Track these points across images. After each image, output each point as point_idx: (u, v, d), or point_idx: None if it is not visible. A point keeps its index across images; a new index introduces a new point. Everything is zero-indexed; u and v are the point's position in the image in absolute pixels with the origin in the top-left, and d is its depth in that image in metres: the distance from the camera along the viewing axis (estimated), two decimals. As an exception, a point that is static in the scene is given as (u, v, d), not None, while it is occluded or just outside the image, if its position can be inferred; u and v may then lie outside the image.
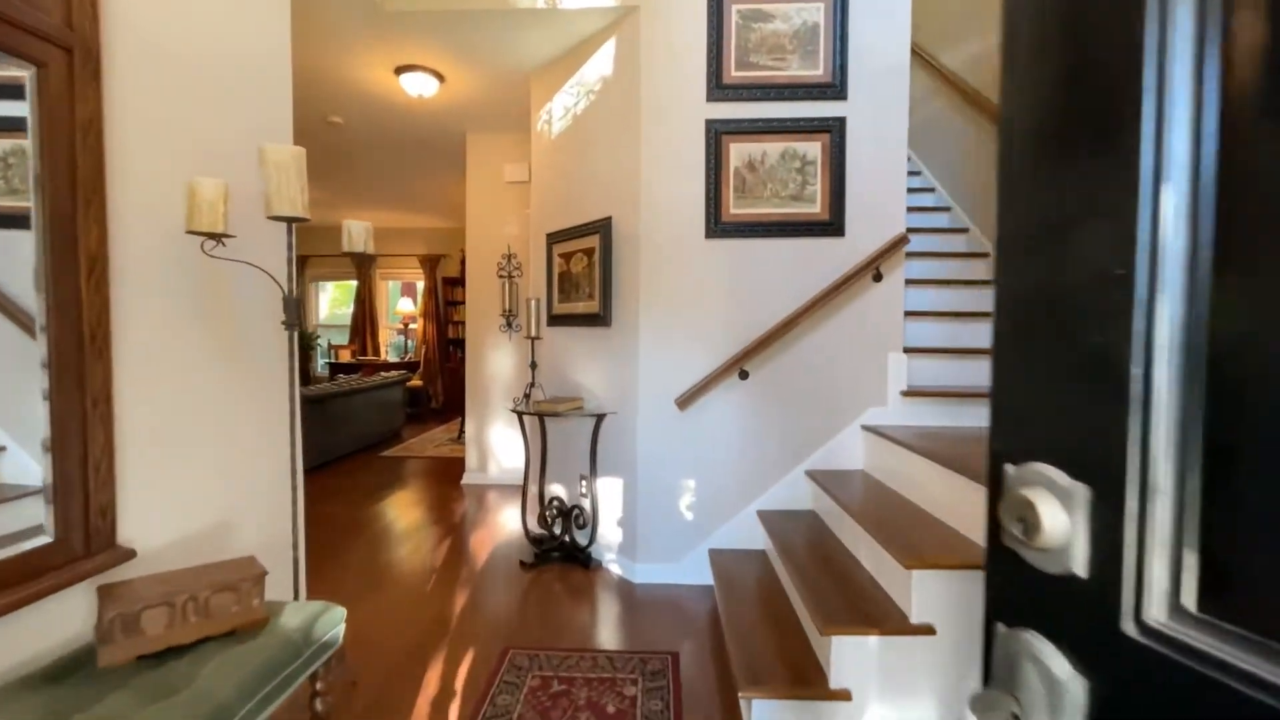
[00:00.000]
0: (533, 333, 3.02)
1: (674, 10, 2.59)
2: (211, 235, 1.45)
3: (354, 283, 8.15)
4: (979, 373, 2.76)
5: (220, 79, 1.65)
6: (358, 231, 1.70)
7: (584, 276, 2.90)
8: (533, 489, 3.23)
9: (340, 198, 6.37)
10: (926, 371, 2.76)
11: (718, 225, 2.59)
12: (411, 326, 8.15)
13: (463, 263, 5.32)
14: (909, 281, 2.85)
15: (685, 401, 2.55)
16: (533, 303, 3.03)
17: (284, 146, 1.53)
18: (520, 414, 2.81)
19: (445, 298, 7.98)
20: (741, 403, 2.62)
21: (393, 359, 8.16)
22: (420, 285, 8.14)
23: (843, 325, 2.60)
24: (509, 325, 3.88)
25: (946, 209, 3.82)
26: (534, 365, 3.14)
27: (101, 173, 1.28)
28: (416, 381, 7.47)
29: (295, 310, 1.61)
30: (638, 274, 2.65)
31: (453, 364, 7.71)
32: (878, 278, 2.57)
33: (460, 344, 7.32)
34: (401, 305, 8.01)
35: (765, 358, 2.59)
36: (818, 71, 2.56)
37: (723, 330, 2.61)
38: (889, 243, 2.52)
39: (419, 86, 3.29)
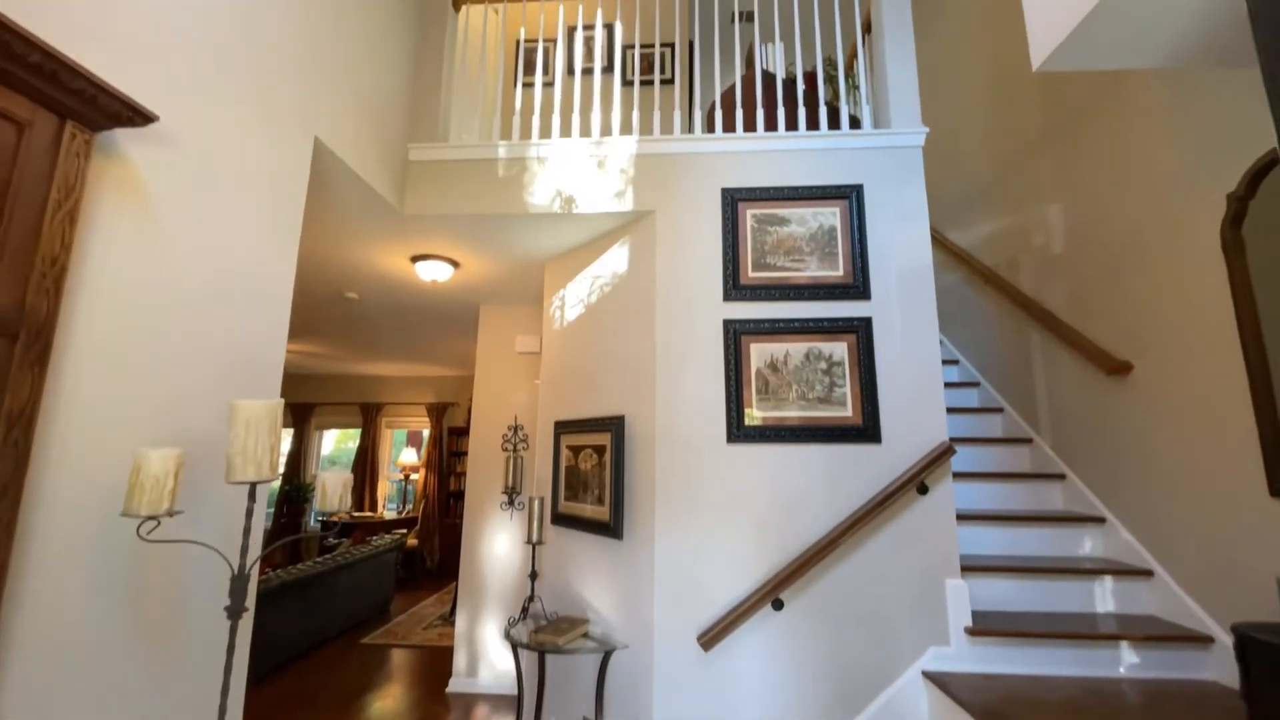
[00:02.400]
0: (534, 537, 2.70)
1: (689, 214, 2.60)
2: (153, 517, 1.22)
3: (358, 431, 7.98)
4: (1049, 596, 2.37)
5: (199, 326, 1.53)
6: (333, 488, 1.47)
7: (593, 476, 2.65)
8: None
9: (349, 352, 6.40)
10: (988, 593, 2.38)
11: (740, 429, 2.37)
12: (413, 478, 7.83)
13: (470, 410, 5.16)
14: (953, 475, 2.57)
15: (710, 640, 2.16)
16: (536, 501, 2.74)
17: (259, 402, 1.35)
18: (515, 645, 2.40)
19: (450, 448, 7.74)
20: (777, 640, 2.22)
21: (390, 514, 7.73)
22: (426, 433, 7.95)
23: (888, 545, 2.26)
24: (511, 503, 3.57)
25: (975, 384, 3.64)
26: (534, 575, 2.77)
27: (24, 468, 1.08)
28: (412, 541, 6.99)
29: (244, 592, 1.33)
30: (653, 480, 2.39)
31: (452, 521, 7.27)
32: (923, 490, 2.28)
33: (462, 496, 6.95)
34: (405, 456, 7.76)
35: (802, 585, 2.24)
36: (838, 272, 2.49)
37: (751, 548, 2.29)
38: (931, 454, 2.27)
39: (434, 273, 3.31)
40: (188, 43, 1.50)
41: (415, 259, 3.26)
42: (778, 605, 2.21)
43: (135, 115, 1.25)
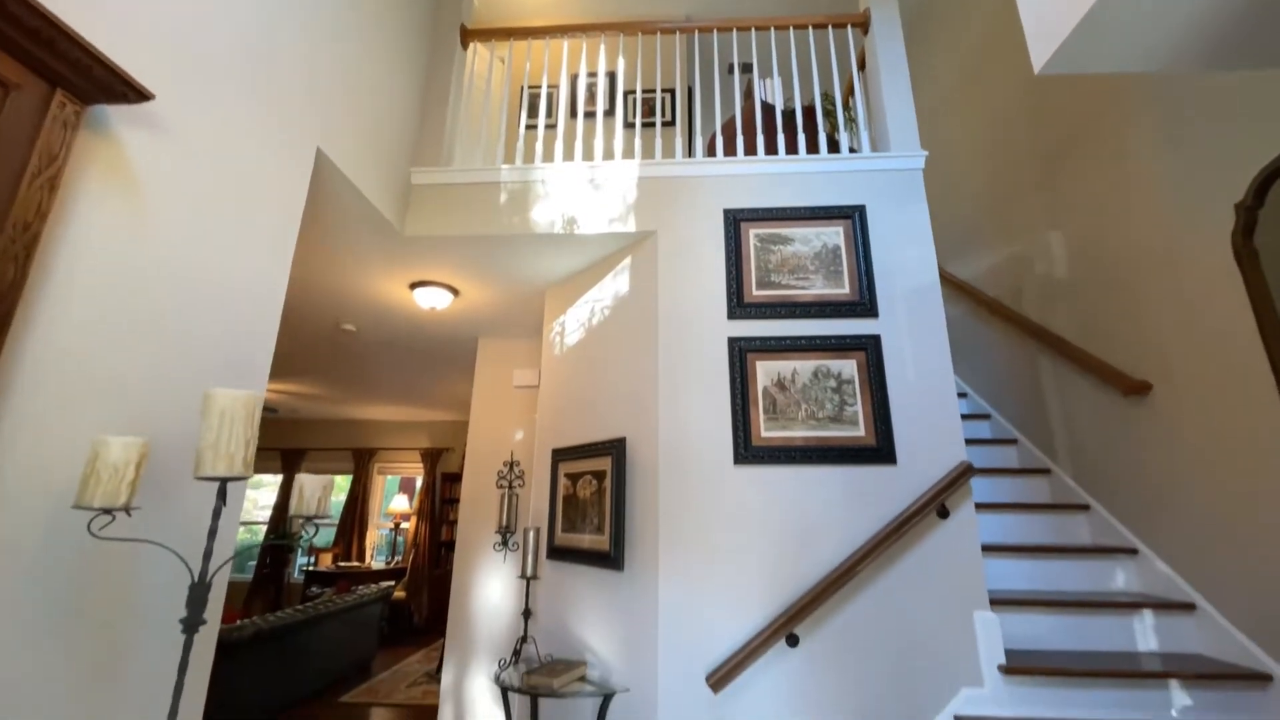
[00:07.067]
0: (529, 571, 2.53)
1: (691, 234, 2.58)
2: (107, 510, 1.10)
3: (349, 478, 7.75)
4: (1085, 633, 2.19)
5: (183, 320, 1.45)
6: (311, 490, 1.36)
7: (592, 504, 2.50)
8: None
9: (345, 393, 6.29)
10: (1019, 629, 2.19)
11: (748, 449, 2.26)
12: (403, 525, 7.54)
13: (465, 456, 4.99)
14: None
15: (720, 680, 1.96)
16: (531, 533, 2.59)
17: (236, 391, 1.25)
18: (505, 689, 2.19)
19: (443, 495, 7.49)
20: (793, 680, 2.02)
21: (378, 564, 7.39)
22: (419, 480, 7.72)
23: (909, 575, 2.11)
24: (505, 544, 3.39)
25: (985, 416, 3.53)
26: (528, 613, 2.58)
27: (-36, 444, 0.98)
28: (400, 593, 6.64)
29: (203, 602, 1.19)
30: (656, 505, 2.25)
31: (442, 571, 6.93)
32: (943, 514, 2.15)
33: (453, 547, 6.67)
34: (396, 504, 7.50)
35: (818, 618, 2.06)
36: (843, 290, 2.45)
37: (762, 579, 2.12)
38: (951, 474, 2.15)
39: (432, 300, 3.26)
40: (195, 30, 1.50)
41: (414, 285, 3.22)
42: (792, 641, 2.02)
43: (130, 91, 1.22)
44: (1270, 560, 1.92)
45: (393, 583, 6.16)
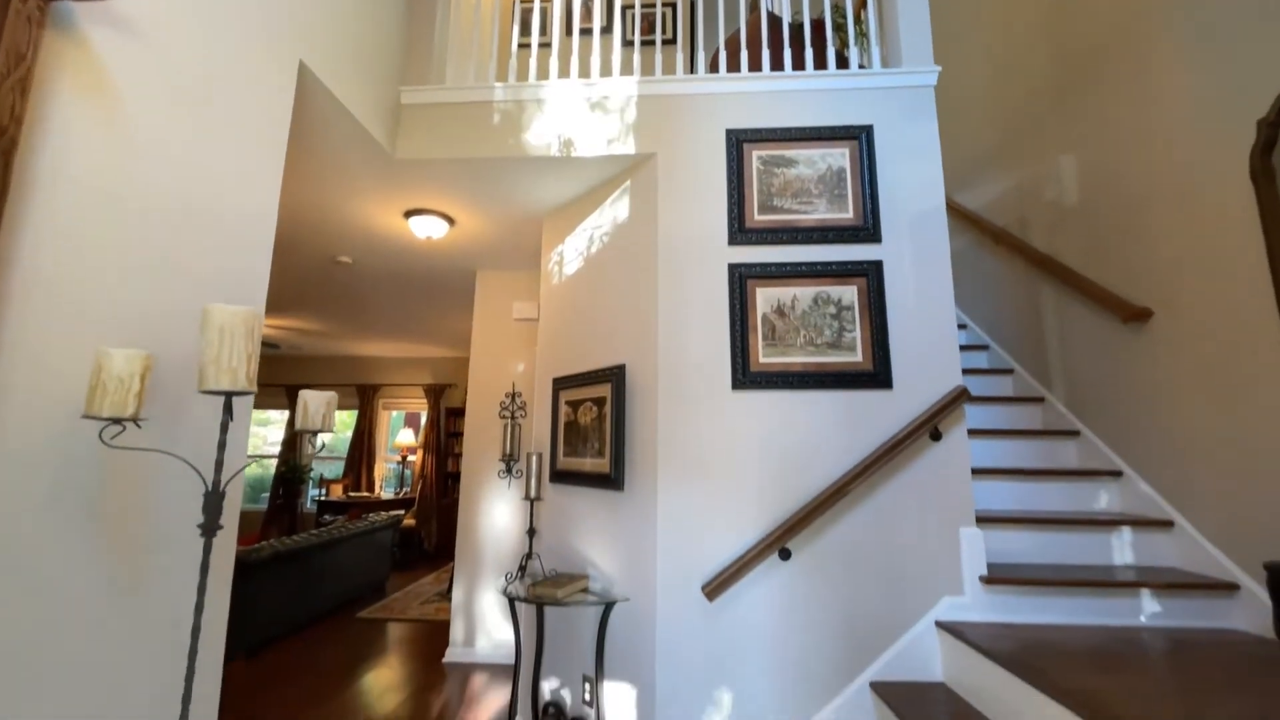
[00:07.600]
0: (533, 493, 2.62)
1: (692, 157, 2.50)
2: (116, 420, 1.13)
3: (354, 412, 7.89)
4: (1066, 548, 2.28)
5: (174, 238, 1.43)
6: (315, 406, 1.38)
7: (593, 429, 2.55)
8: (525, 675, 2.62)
9: (345, 329, 6.30)
10: (1003, 545, 2.29)
11: (746, 375, 2.28)
12: (410, 459, 7.74)
13: (467, 392, 5.05)
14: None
15: (715, 589, 2.07)
16: (535, 457, 2.66)
17: (234, 307, 1.25)
18: (512, 600, 2.31)
19: (448, 429, 7.65)
20: (784, 590, 2.13)
21: (387, 495, 7.65)
22: (424, 415, 7.86)
23: (900, 493, 2.18)
24: (509, 471, 3.49)
25: (984, 347, 3.55)
26: (533, 532, 2.69)
27: (-32, 351, 0.99)
28: (410, 521, 6.91)
29: (218, 509, 1.24)
30: (655, 428, 2.30)
31: (450, 501, 7.19)
32: (936, 436, 2.19)
33: (460, 478, 6.87)
34: (401, 437, 7.67)
35: (810, 533, 2.15)
36: (847, 215, 2.39)
37: (757, 498, 2.20)
38: (945, 398, 2.18)
39: (428, 229, 3.21)
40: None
41: (409, 214, 3.16)
42: (785, 555, 2.12)
43: (94, -16, 1.15)
44: (1248, 477, 1.97)
45: (402, 511, 6.41)
